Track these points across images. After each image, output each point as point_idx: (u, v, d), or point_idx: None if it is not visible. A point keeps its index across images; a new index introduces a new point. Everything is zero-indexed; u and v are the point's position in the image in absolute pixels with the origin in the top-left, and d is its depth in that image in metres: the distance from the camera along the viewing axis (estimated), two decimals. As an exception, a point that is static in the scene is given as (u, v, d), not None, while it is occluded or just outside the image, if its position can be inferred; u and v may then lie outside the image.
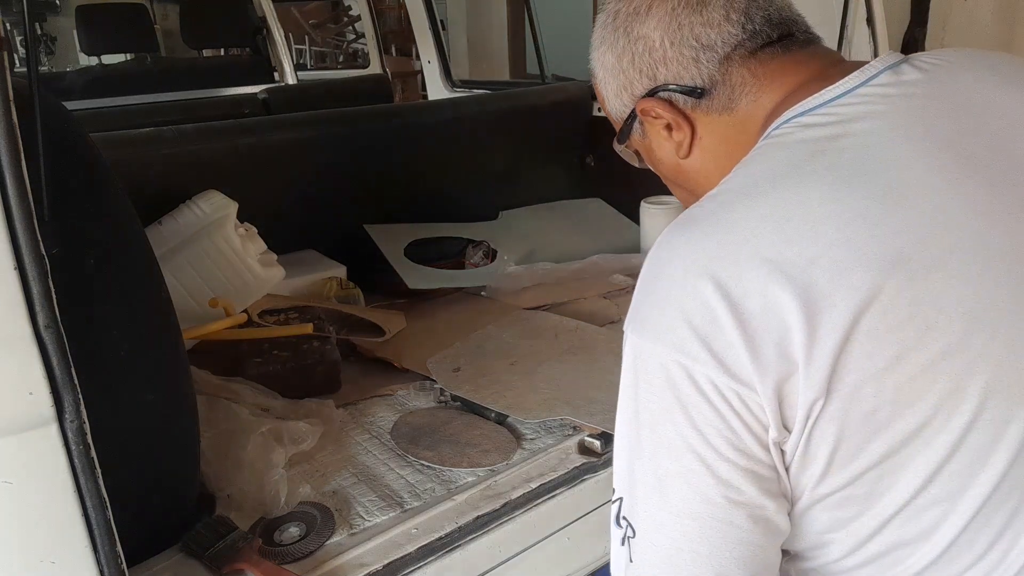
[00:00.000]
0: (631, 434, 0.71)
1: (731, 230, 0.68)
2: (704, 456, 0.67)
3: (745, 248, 0.66)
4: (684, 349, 0.66)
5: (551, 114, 2.36)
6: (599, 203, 2.36)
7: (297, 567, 1.02)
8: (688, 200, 0.91)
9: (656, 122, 0.86)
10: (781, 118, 0.76)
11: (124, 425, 0.93)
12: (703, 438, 0.67)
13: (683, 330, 0.66)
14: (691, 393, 0.66)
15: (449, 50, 3.51)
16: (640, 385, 0.70)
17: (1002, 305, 0.66)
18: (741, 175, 0.74)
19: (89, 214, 0.93)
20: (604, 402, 1.32)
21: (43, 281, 0.70)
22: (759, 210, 0.68)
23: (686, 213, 0.74)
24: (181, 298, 1.56)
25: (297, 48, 7.39)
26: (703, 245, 0.69)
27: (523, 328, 1.67)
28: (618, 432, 0.74)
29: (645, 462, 0.70)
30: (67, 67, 4.86)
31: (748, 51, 0.80)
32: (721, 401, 0.66)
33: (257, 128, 1.90)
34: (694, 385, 0.66)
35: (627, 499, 0.72)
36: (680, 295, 0.68)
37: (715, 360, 0.65)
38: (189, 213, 1.64)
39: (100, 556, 0.76)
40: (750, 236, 0.67)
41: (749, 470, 0.67)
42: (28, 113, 0.71)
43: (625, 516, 0.72)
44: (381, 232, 1.99)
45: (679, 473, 0.68)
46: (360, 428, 1.36)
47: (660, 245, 0.73)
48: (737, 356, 0.64)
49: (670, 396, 0.67)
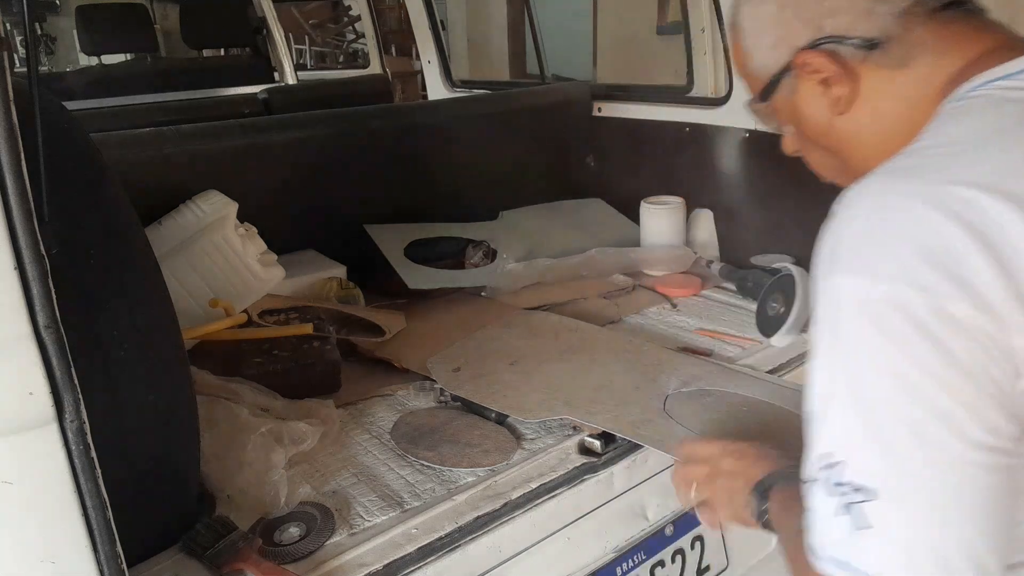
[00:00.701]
0: (852, 387, 0.65)
1: (954, 172, 0.65)
2: (958, 393, 0.61)
3: (977, 185, 0.63)
4: (923, 282, 0.61)
5: (551, 114, 2.36)
6: (599, 203, 2.36)
7: (297, 567, 1.02)
8: (827, 164, 0.89)
9: (812, 77, 0.83)
10: (973, 81, 0.74)
11: (124, 425, 0.93)
12: (957, 373, 0.61)
13: (919, 263, 0.62)
14: (938, 328, 0.60)
15: (449, 50, 3.51)
16: (865, 332, 0.63)
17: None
18: (946, 132, 0.71)
19: (89, 214, 0.93)
20: (604, 402, 1.32)
21: (43, 281, 0.70)
22: (985, 164, 0.66)
23: (889, 166, 0.70)
24: (181, 298, 1.56)
25: (297, 48, 7.40)
26: (925, 182, 0.66)
27: (523, 328, 1.67)
28: (828, 390, 0.67)
29: (881, 413, 0.64)
30: (67, 67, 4.86)
31: (928, 10, 0.78)
32: (971, 337, 0.60)
33: (257, 128, 1.90)
34: (940, 319, 0.60)
35: (856, 458, 0.65)
36: (910, 228, 0.63)
37: (962, 291, 0.60)
38: (189, 213, 1.64)
39: (100, 556, 0.76)
40: (980, 177, 0.64)
41: (1006, 412, 0.62)
42: (28, 113, 0.71)
43: (850, 480, 0.65)
44: (381, 232, 1.99)
45: (929, 418, 0.62)
46: (360, 428, 1.37)
47: (866, 191, 0.68)
48: (987, 284, 0.60)
49: (911, 336, 0.61)
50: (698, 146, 2.10)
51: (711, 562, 1.42)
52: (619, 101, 2.34)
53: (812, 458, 0.68)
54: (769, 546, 1.53)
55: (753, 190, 1.99)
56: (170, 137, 1.72)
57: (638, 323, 1.78)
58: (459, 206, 2.21)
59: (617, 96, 2.36)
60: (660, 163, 2.21)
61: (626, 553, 1.29)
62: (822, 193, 1.65)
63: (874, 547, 0.64)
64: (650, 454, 1.25)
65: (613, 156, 2.37)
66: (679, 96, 2.25)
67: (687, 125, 2.12)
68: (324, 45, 8.11)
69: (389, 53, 6.86)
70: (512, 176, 2.35)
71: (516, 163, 2.34)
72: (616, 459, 1.24)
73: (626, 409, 1.29)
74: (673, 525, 1.35)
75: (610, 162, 2.38)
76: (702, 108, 2.11)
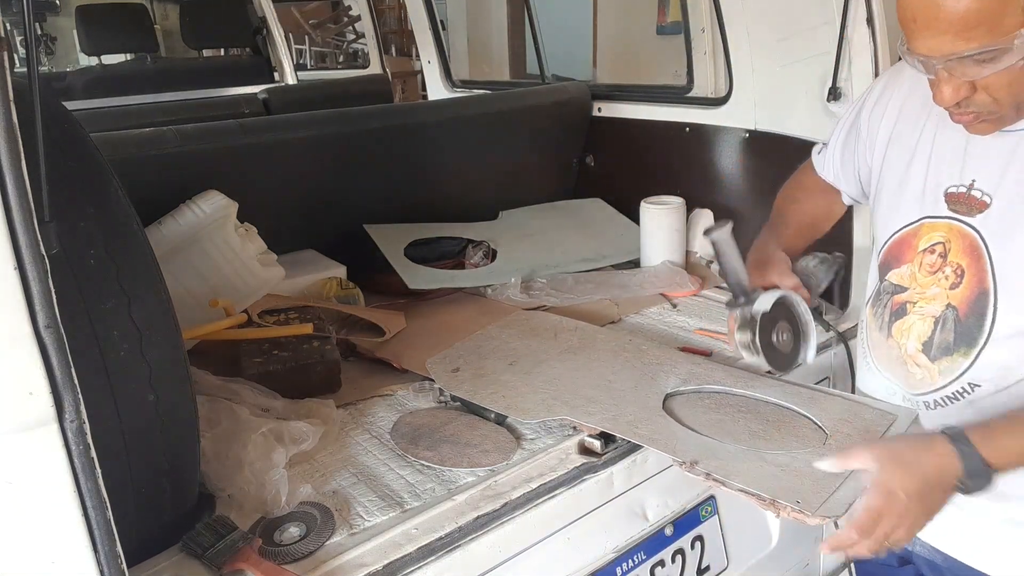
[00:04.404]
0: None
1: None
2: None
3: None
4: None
5: (551, 114, 2.36)
6: (599, 203, 2.36)
7: (297, 567, 1.02)
8: (1006, 103, 0.97)
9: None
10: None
11: (124, 425, 0.93)
12: None
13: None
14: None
15: (449, 50, 3.51)
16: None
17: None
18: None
19: (89, 214, 0.93)
20: (603, 402, 1.32)
21: (43, 281, 0.70)
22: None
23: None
24: (181, 298, 1.55)
25: (297, 48, 7.39)
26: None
27: (522, 328, 1.67)
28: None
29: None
30: (67, 67, 4.85)
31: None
32: None
33: (257, 128, 1.90)
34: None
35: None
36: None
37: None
38: (189, 213, 1.64)
39: (100, 556, 0.76)
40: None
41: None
42: (28, 113, 0.71)
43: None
44: (381, 232, 1.99)
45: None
46: (360, 428, 1.37)
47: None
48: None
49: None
50: (698, 146, 2.10)
51: (711, 562, 1.42)
52: (619, 101, 2.34)
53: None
54: (769, 546, 1.53)
55: (753, 190, 1.99)
56: (170, 137, 1.72)
57: (638, 323, 1.78)
58: (459, 206, 2.21)
59: (617, 96, 2.36)
60: (660, 163, 2.21)
61: (626, 553, 1.29)
62: (822, 193, 1.60)
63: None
64: (650, 454, 1.25)
65: (613, 156, 2.37)
66: (679, 96, 2.25)
67: (687, 125, 2.12)
68: (324, 45, 8.11)
69: (389, 53, 6.87)
70: (512, 176, 2.35)
71: (516, 163, 2.34)
72: (616, 459, 1.24)
73: (625, 409, 1.29)
74: (673, 525, 1.35)
75: (610, 162, 2.38)
76: (702, 108, 2.11)
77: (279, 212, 1.91)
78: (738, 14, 1.91)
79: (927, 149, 1.15)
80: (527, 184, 2.37)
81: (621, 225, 2.26)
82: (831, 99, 1.70)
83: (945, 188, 1.12)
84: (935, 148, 1.14)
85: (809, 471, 1.08)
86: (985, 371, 1.08)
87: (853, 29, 1.62)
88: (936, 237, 1.13)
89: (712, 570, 1.43)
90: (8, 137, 0.68)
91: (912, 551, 1.23)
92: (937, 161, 1.14)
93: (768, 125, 1.93)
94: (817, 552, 1.64)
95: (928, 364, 1.13)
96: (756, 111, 1.95)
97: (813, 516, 1.00)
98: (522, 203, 2.32)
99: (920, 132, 1.17)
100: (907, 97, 1.20)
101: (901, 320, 1.16)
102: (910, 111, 1.19)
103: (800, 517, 1.01)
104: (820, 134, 1.78)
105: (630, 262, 2.11)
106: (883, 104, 1.24)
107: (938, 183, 1.13)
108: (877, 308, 1.22)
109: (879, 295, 1.21)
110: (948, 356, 1.11)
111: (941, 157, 1.13)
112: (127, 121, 2.47)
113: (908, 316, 1.16)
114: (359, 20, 6.60)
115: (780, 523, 1.52)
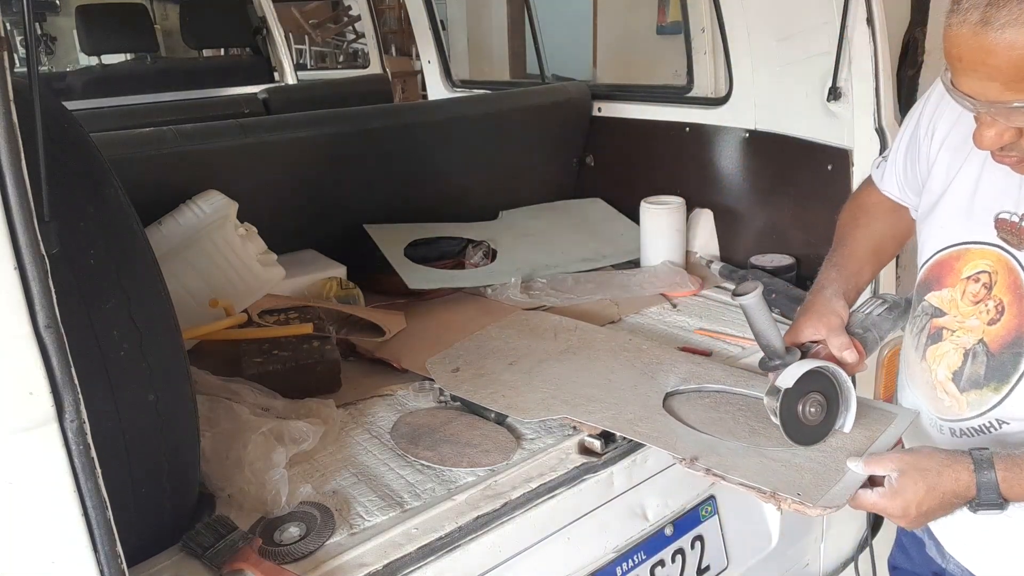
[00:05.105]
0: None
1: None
2: None
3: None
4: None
5: (551, 114, 2.36)
6: (599, 203, 2.36)
7: (297, 567, 1.02)
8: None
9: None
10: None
11: (124, 425, 0.93)
12: None
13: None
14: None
15: (449, 50, 3.51)
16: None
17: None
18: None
19: (89, 214, 0.93)
20: (603, 401, 1.32)
21: (43, 281, 0.70)
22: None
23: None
24: (181, 298, 1.56)
25: (297, 48, 7.39)
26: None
27: (522, 328, 1.67)
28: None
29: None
30: (67, 67, 4.85)
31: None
32: None
33: (257, 128, 1.90)
34: None
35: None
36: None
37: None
38: (189, 213, 1.64)
39: (100, 556, 0.76)
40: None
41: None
42: (28, 113, 0.71)
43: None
44: (381, 232, 1.99)
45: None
46: (360, 428, 1.37)
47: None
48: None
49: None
50: (698, 146, 2.10)
51: (711, 562, 1.42)
52: (619, 101, 2.34)
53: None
54: (769, 546, 1.53)
55: (753, 190, 1.99)
56: (170, 137, 1.72)
57: (638, 323, 1.78)
58: (459, 206, 2.21)
59: (617, 96, 2.36)
60: (660, 163, 2.21)
61: (626, 553, 1.29)
62: (822, 193, 1.67)
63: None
64: (650, 454, 1.25)
65: (613, 156, 2.37)
66: (679, 96, 2.25)
67: (687, 125, 2.12)
68: (324, 45, 8.11)
69: (389, 53, 6.86)
70: (512, 176, 2.35)
71: (516, 163, 2.34)
72: (616, 459, 1.24)
73: (625, 408, 1.29)
74: (673, 525, 1.35)
75: (610, 162, 2.38)
76: (702, 108, 2.11)
77: (279, 212, 1.91)
78: (738, 14, 1.91)
79: (978, 164, 1.08)
80: (527, 184, 2.37)
81: (621, 225, 2.26)
82: (831, 99, 1.70)
83: (996, 213, 1.05)
84: (986, 167, 1.06)
85: (809, 466, 1.08)
86: (1016, 410, 1.04)
87: (853, 29, 1.62)
88: (982, 265, 1.07)
89: (712, 570, 1.43)
90: (8, 137, 0.68)
91: (945, 569, 1.21)
92: (989, 180, 1.06)
93: (768, 125, 1.93)
94: (817, 551, 1.64)
95: (956, 394, 1.10)
96: (756, 111, 1.95)
97: (814, 507, 1.00)
98: (522, 203, 2.32)
99: (972, 146, 1.05)
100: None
101: (936, 345, 1.12)
102: (967, 120, 1.05)
103: (801, 509, 1.01)
104: (820, 134, 1.79)
105: (630, 262, 2.12)
106: (942, 107, 1.15)
107: (988, 207, 1.06)
108: (914, 328, 1.17)
109: (918, 315, 1.16)
110: (977, 389, 1.07)
111: (993, 179, 1.06)
112: (127, 121, 2.47)
113: (943, 343, 1.11)
114: (359, 20, 6.61)
115: (780, 523, 1.52)
